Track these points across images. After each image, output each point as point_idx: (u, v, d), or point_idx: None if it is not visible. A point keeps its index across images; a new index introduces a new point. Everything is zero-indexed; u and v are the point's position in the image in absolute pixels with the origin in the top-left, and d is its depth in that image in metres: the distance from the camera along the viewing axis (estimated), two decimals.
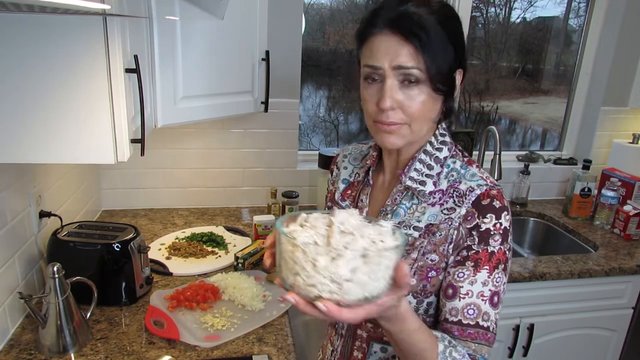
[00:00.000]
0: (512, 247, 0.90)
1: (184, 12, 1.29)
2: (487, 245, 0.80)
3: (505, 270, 0.81)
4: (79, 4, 0.65)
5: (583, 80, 2.39)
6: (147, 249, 1.35)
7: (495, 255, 0.80)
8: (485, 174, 0.86)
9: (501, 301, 0.81)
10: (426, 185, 0.86)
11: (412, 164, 0.87)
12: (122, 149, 1.01)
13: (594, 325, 1.84)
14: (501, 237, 0.80)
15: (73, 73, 0.93)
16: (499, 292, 0.80)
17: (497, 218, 0.80)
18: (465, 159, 0.89)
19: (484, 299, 0.79)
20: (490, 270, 0.79)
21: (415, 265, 0.84)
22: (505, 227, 0.80)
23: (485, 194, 0.81)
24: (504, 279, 0.81)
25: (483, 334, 0.79)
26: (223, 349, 1.16)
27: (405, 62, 0.77)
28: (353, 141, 2.44)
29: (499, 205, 0.81)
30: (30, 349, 1.13)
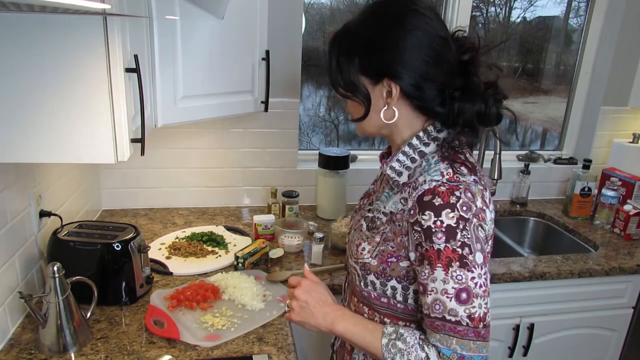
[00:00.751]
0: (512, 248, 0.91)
1: (184, 11, 1.29)
2: (432, 242, 0.81)
3: (466, 266, 0.80)
4: (79, 3, 0.65)
5: (583, 79, 2.39)
6: (147, 248, 1.35)
7: (444, 254, 0.81)
8: (452, 170, 0.85)
9: (478, 295, 0.80)
10: (402, 175, 0.91)
11: (395, 155, 0.93)
12: (122, 148, 1.01)
13: (594, 325, 1.84)
14: (444, 235, 0.80)
15: (73, 73, 0.93)
16: (467, 288, 0.80)
17: (436, 215, 0.81)
18: (446, 155, 0.88)
19: (448, 296, 0.81)
20: (444, 268, 0.81)
21: (377, 248, 0.92)
22: (448, 224, 0.80)
23: (431, 190, 0.83)
24: (469, 274, 0.80)
25: (451, 327, 0.81)
26: (223, 348, 1.16)
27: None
28: (353, 141, 2.44)
29: (439, 202, 0.81)
30: (31, 348, 1.13)
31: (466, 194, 0.82)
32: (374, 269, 0.92)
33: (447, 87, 0.87)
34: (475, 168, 0.89)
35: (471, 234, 0.81)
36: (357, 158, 2.23)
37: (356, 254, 0.95)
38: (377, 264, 0.91)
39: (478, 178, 0.88)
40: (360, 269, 0.95)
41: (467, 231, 0.81)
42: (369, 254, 0.93)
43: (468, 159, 0.90)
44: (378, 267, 0.91)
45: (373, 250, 0.92)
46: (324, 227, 1.88)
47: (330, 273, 1.54)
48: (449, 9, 2.12)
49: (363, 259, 0.93)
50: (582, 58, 2.38)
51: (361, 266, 0.94)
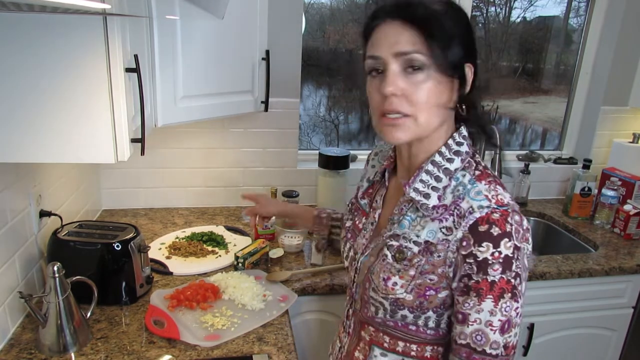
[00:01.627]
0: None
1: (184, 11, 1.29)
2: (487, 275, 0.76)
3: (515, 297, 0.77)
4: (79, 3, 0.65)
5: (583, 79, 2.39)
6: (147, 248, 1.35)
7: (497, 285, 0.76)
8: (494, 191, 0.79)
9: (516, 324, 0.78)
10: (430, 198, 0.82)
11: (417, 175, 0.84)
12: (122, 148, 1.01)
13: (594, 325, 1.84)
14: (501, 266, 0.75)
15: (73, 72, 0.93)
16: (509, 319, 0.77)
17: (494, 247, 0.75)
18: (477, 173, 0.83)
19: (492, 328, 0.77)
20: (495, 299, 0.76)
21: (412, 282, 0.82)
22: (506, 254, 0.75)
23: (484, 218, 0.76)
24: (514, 305, 0.77)
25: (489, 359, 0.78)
26: (223, 348, 1.16)
27: (406, 48, 0.75)
28: (353, 141, 2.44)
29: (497, 232, 0.75)
30: (31, 348, 1.13)
31: (514, 217, 0.77)
32: (408, 304, 0.83)
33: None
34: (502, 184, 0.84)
35: (522, 262, 0.77)
36: (357, 158, 2.23)
37: (385, 289, 0.84)
38: (413, 299, 0.83)
39: (510, 194, 0.82)
40: (391, 305, 0.85)
41: (520, 260, 0.77)
42: (402, 288, 0.83)
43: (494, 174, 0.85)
44: (414, 302, 0.83)
45: (408, 285, 0.82)
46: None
47: (330, 273, 1.54)
48: None
49: (395, 294, 0.83)
50: (582, 58, 2.38)
51: (392, 302, 0.85)
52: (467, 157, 0.84)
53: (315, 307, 1.52)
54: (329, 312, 1.54)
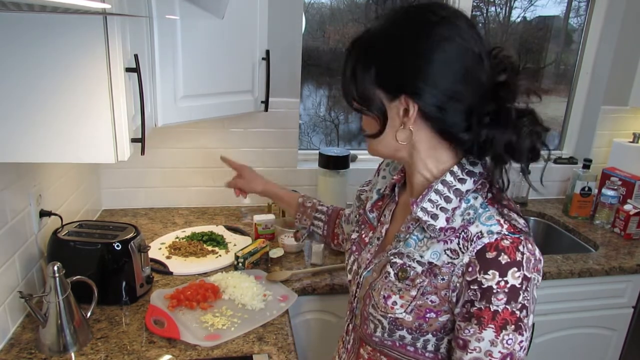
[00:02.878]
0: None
1: (184, 11, 1.29)
2: (490, 303, 0.72)
3: (519, 329, 0.72)
4: (79, 3, 0.65)
5: (583, 79, 2.39)
6: (147, 248, 1.35)
7: (500, 315, 0.72)
8: (507, 216, 0.75)
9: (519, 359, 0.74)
10: (438, 219, 0.78)
11: (427, 194, 0.80)
12: (122, 148, 1.01)
13: (594, 325, 1.84)
14: (506, 296, 0.71)
15: (73, 72, 0.93)
16: (512, 353, 0.73)
17: (501, 275, 0.71)
18: (489, 195, 0.78)
19: (492, 358, 0.73)
20: (496, 330, 0.72)
21: (413, 303, 0.79)
22: (513, 284, 0.71)
23: (492, 244, 0.72)
24: (518, 338, 0.73)
25: None
26: (223, 348, 1.16)
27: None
28: (353, 141, 2.44)
29: (506, 260, 0.71)
30: (31, 348, 1.13)
31: (527, 246, 0.73)
32: (407, 325, 0.80)
33: (476, 111, 0.74)
34: (517, 209, 0.79)
35: (530, 295, 0.73)
36: (357, 158, 2.23)
37: (385, 307, 0.81)
38: (413, 320, 0.80)
39: (525, 220, 0.78)
40: (389, 324, 0.82)
41: (528, 292, 0.73)
42: (402, 308, 0.80)
43: (510, 198, 0.80)
44: (413, 324, 0.80)
45: (407, 305, 0.79)
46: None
47: (331, 273, 1.54)
48: None
49: (394, 314, 0.80)
50: (582, 58, 2.38)
51: (391, 321, 0.82)
52: (481, 178, 0.79)
53: (315, 307, 1.52)
54: (329, 312, 1.54)
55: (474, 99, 0.74)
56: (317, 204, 1.31)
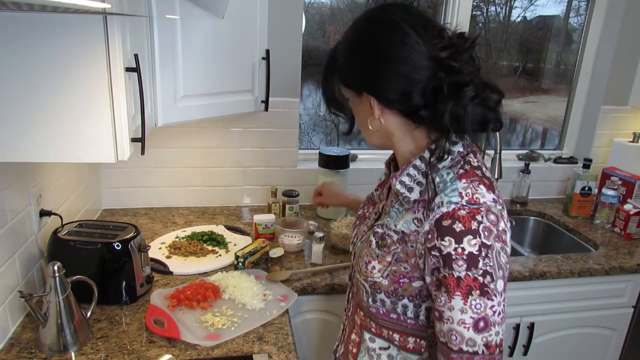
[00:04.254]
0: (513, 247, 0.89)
1: (184, 11, 1.29)
2: (452, 270, 0.77)
3: (486, 295, 0.76)
4: (79, 3, 0.65)
5: (583, 79, 2.39)
6: (147, 248, 1.35)
7: (464, 282, 0.76)
8: (472, 190, 0.80)
9: (495, 322, 0.77)
10: (412, 192, 0.86)
11: (405, 169, 0.87)
12: (122, 148, 1.01)
13: (594, 325, 1.84)
14: (466, 263, 0.76)
15: (73, 72, 0.93)
16: (484, 317, 0.76)
17: (457, 242, 0.76)
18: (461, 172, 0.83)
19: (465, 326, 0.77)
20: (463, 297, 0.76)
21: (389, 268, 0.87)
22: (470, 252, 0.76)
23: (450, 213, 0.78)
24: (488, 303, 0.76)
25: (468, 357, 0.78)
26: (223, 347, 1.16)
27: None
28: (353, 140, 2.44)
29: (460, 228, 0.76)
30: (31, 347, 1.13)
31: (488, 216, 0.78)
32: (384, 289, 0.88)
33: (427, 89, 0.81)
34: (493, 184, 0.84)
35: (493, 261, 0.77)
36: (357, 157, 2.23)
37: (365, 271, 0.91)
38: (389, 284, 0.87)
39: (497, 196, 0.82)
40: (370, 287, 0.90)
41: (490, 258, 0.77)
42: (379, 273, 0.88)
43: (485, 174, 0.85)
44: (389, 287, 0.87)
45: (384, 270, 0.87)
46: (324, 227, 1.88)
47: (331, 272, 1.54)
48: (449, 9, 2.12)
49: (373, 277, 0.89)
50: (582, 57, 2.38)
51: (371, 284, 0.90)
52: (459, 156, 0.85)
53: (316, 307, 1.52)
54: (329, 312, 1.54)
55: (423, 79, 0.81)
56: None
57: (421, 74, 0.81)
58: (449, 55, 0.80)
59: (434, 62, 0.80)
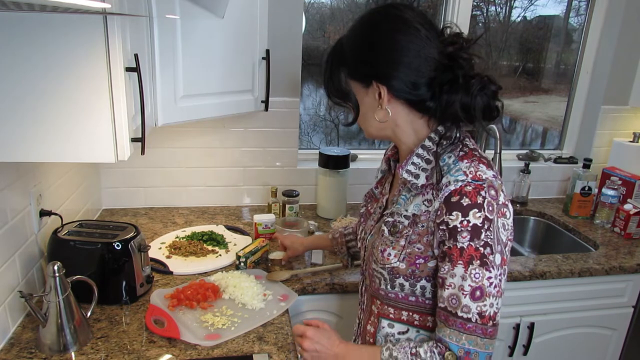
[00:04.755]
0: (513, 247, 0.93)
1: (184, 10, 1.29)
2: (456, 241, 0.84)
3: (485, 265, 0.83)
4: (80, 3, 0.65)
5: (583, 79, 2.39)
6: (147, 247, 1.35)
7: (466, 252, 0.83)
8: (474, 168, 0.87)
9: (491, 294, 0.84)
10: (419, 178, 0.93)
11: (409, 158, 0.94)
12: (122, 147, 1.01)
13: (595, 324, 1.84)
14: (469, 234, 0.83)
15: (73, 72, 0.93)
16: (481, 287, 0.83)
17: (463, 215, 0.83)
18: (461, 154, 0.90)
19: (464, 293, 0.84)
20: (464, 265, 0.84)
21: (404, 251, 0.92)
22: (474, 224, 0.83)
23: (457, 190, 0.85)
24: (486, 273, 0.83)
25: (462, 323, 0.85)
26: (223, 347, 1.16)
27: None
28: (353, 140, 2.44)
29: (467, 202, 0.83)
30: (31, 347, 1.13)
31: (490, 191, 0.85)
32: (402, 272, 0.93)
33: (435, 81, 0.89)
34: (490, 162, 0.91)
35: (494, 234, 0.84)
36: (357, 157, 2.23)
37: (382, 259, 0.95)
38: (406, 267, 0.92)
39: (496, 172, 0.90)
40: (388, 274, 0.95)
41: (491, 232, 0.83)
42: (395, 258, 0.93)
43: (482, 155, 0.92)
44: (407, 270, 0.92)
45: (400, 254, 0.92)
46: (324, 227, 1.88)
47: (331, 272, 1.54)
48: (449, 8, 2.12)
49: (391, 264, 0.94)
50: (582, 57, 2.38)
51: (389, 271, 0.94)
52: (457, 140, 0.92)
53: (316, 307, 1.52)
54: (329, 312, 1.54)
55: (431, 72, 0.89)
56: (342, 231, 1.46)
57: (430, 66, 0.88)
58: (455, 50, 0.89)
59: (444, 56, 0.89)
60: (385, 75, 0.90)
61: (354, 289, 1.47)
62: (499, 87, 0.90)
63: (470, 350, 0.85)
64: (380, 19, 0.91)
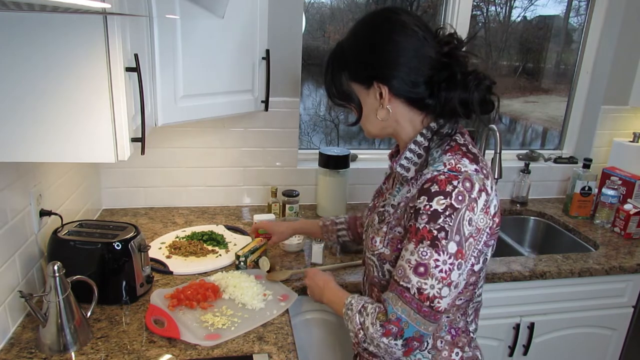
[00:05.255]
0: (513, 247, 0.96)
1: (184, 10, 1.29)
2: (416, 221, 0.91)
3: (435, 247, 0.88)
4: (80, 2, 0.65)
5: (583, 79, 2.39)
6: (147, 247, 1.35)
7: (420, 232, 0.90)
8: (455, 161, 0.92)
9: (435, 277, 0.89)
10: (409, 171, 1.00)
11: (403, 153, 1.01)
12: (122, 147, 1.01)
13: (595, 324, 1.84)
14: (427, 217, 0.89)
15: (73, 72, 0.93)
16: (426, 264, 0.89)
17: (428, 200, 0.89)
18: (447, 148, 0.96)
19: (410, 265, 0.91)
20: (415, 243, 0.90)
21: (387, 237, 1.00)
22: (435, 209, 0.88)
23: (432, 178, 0.91)
24: (434, 255, 0.88)
25: (401, 290, 0.92)
26: (223, 347, 1.16)
27: None
28: (353, 140, 2.44)
29: (435, 189, 0.89)
30: (31, 347, 1.13)
31: (464, 183, 0.89)
32: (388, 258, 1.00)
33: (433, 79, 0.94)
34: (477, 157, 0.95)
35: (454, 222, 0.88)
36: (357, 157, 2.23)
37: (372, 247, 1.03)
38: (390, 253, 0.99)
39: (480, 167, 0.93)
40: (377, 260, 1.03)
41: (451, 219, 0.88)
42: (381, 244, 1.01)
43: (470, 150, 0.97)
44: (391, 256, 0.99)
45: (384, 240, 1.00)
46: None
47: (330, 272, 1.54)
48: (449, 8, 2.12)
49: (377, 249, 1.02)
50: (582, 57, 2.38)
51: (377, 257, 1.02)
52: (446, 137, 0.97)
53: (316, 307, 1.52)
54: (329, 312, 1.54)
55: (429, 71, 0.94)
56: (334, 219, 1.52)
57: (428, 65, 0.94)
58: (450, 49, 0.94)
59: (441, 55, 0.94)
60: (385, 76, 0.95)
61: (354, 289, 1.46)
62: (493, 82, 0.95)
63: (401, 318, 0.91)
64: (380, 22, 0.96)
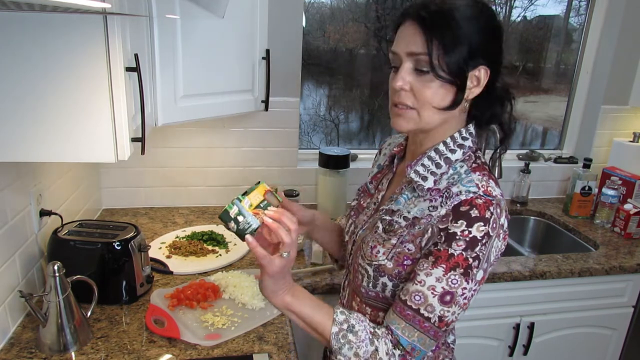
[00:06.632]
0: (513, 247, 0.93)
1: (184, 10, 1.29)
2: (450, 246, 0.82)
3: (466, 276, 0.82)
4: (80, 2, 0.64)
5: (583, 78, 2.39)
6: (147, 247, 1.35)
7: (454, 258, 0.82)
8: (485, 182, 0.86)
9: (458, 304, 0.83)
10: (427, 181, 0.90)
11: (420, 159, 0.92)
12: (122, 147, 1.01)
13: (595, 324, 1.84)
14: (465, 244, 0.81)
15: (73, 72, 0.93)
16: (453, 293, 0.82)
17: (467, 226, 0.82)
18: (474, 165, 0.90)
19: (434, 293, 0.83)
20: (446, 269, 0.82)
21: (393, 250, 0.90)
22: (474, 236, 0.81)
23: (468, 201, 0.83)
24: (464, 283, 0.82)
25: (420, 320, 0.84)
26: (223, 347, 1.16)
27: (416, 49, 0.83)
28: (354, 140, 2.44)
29: (475, 214, 0.82)
30: (31, 347, 1.13)
31: (496, 210, 0.83)
32: (388, 272, 0.91)
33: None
34: (497, 181, 0.90)
35: (487, 250, 0.83)
36: (357, 157, 2.23)
37: (370, 256, 0.93)
38: (393, 267, 0.90)
39: (501, 192, 0.88)
40: (374, 271, 0.93)
41: (486, 247, 0.82)
42: (384, 255, 0.91)
43: (490, 171, 0.92)
44: (393, 270, 0.90)
45: (389, 252, 0.90)
46: None
47: (331, 272, 1.54)
48: None
49: (378, 260, 0.92)
50: (582, 57, 2.38)
51: (375, 268, 0.92)
52: (470, 151, 0.91)
53: None
54: None
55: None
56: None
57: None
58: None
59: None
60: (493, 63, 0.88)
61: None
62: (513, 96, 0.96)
63: (415, 347, 0.86)
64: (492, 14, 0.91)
